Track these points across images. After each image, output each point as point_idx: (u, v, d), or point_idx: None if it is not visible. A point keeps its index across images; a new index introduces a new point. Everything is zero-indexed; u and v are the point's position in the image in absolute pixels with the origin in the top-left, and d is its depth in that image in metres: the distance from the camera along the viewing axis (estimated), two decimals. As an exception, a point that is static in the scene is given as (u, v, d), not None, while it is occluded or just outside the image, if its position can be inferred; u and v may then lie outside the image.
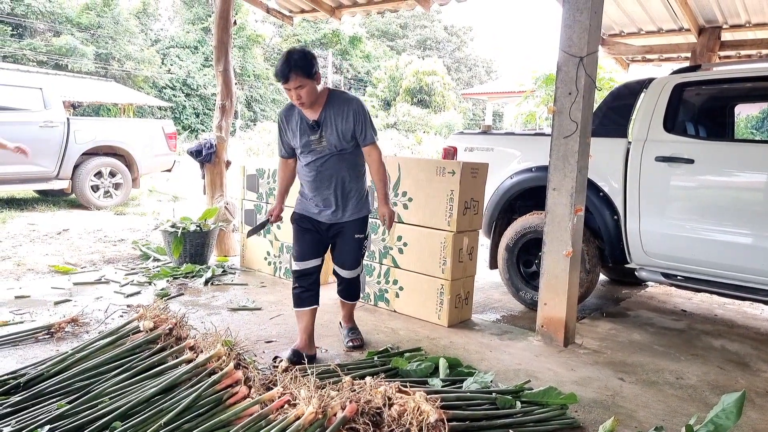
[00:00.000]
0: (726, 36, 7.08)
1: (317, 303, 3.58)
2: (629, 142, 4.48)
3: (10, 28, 28.83)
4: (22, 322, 3.90)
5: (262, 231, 4.41)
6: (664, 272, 4.38)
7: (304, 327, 3.54)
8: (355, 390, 2.43)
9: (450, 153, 5.44)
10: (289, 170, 3.70)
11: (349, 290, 3.75)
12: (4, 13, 28.18)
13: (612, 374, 3.53)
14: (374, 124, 3.45)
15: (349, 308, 3.87)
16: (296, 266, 3.54)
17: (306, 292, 3.53)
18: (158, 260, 5.93)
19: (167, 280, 5.19)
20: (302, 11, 7.40)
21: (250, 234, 3.83)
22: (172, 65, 33.63)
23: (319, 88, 3.30)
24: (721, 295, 4.47)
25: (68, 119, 9.18)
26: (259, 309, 4.51)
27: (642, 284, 5.98)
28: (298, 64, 3.13)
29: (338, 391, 2.44)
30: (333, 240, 3.60)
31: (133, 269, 5.56)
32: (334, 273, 3.72)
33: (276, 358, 3.43)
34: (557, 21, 3.90)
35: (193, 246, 5.64)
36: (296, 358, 3.40)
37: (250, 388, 2.60)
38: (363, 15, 7.32)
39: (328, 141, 3.37)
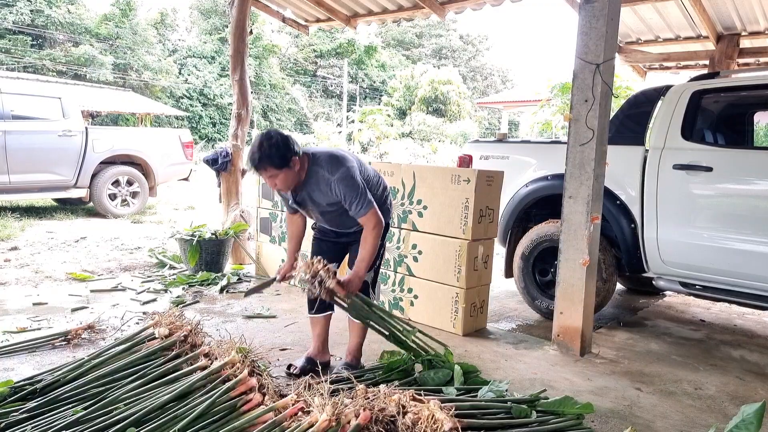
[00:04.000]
0: (745, 43, 7.02)
1: (332, 309, 3.51)
2: (646, 150, 4.45)
3: (30, 39, 29.32)
4: (39, 329, 3.94)
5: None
6: (682, 281, 4.33)
7: (317, 334, 3.52)
8: (369, 398, 2.41)
9: (465, 161, 5.43)
10: (297, 225, 3.51)
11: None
12: (25, 24, 28.64)
13: (629, 384, 3.49)
14: (363, 189, 3.07)
15: (356, 334, 3.49)
16: None
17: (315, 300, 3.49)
18: (174, 268, 5.96)
19: (183, 288, 5.21)
20: (318, 20, 7.44)
21: (248, 293, 3.72)
22: (189, 75, 33.98)
23: (300, 168, 3.07)
24: (741, 305, 4.42)
25: (86, 128, 9.29)
26: (274, 317, 4.51)
27: (659, 293, 5.92)
28: (268, 155, 2.93)
29: (352, 398, 2.42)
30: (349, 246, 3.47)
31: (150, 277, 5.59)
32: None
33: (290, 366, 3.44)
34: (573, 29, 3.89)
35: (209, 254, 5.67)
36: (310, 365, 3.39)
37: (264, 395, 2.60)
38: (378, 24, 7.34)
39: (314, 212, 3.30)
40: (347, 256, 3.55)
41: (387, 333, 3.23)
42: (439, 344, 3.35)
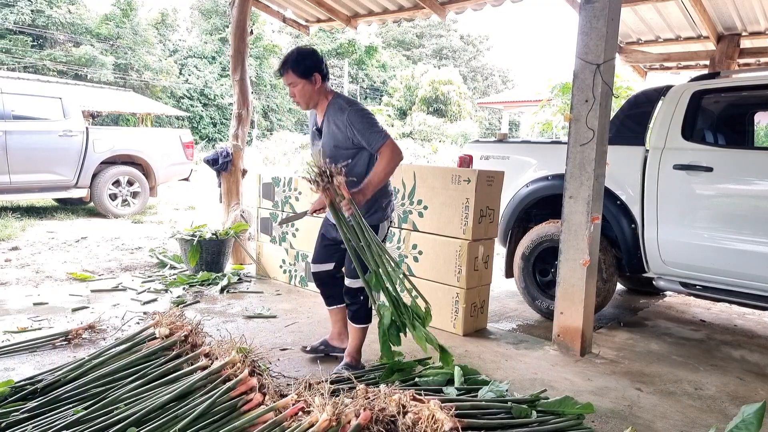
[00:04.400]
0: (745, 43, 7.02)
1: (340, 303, 3.56)
2: (647, 150, 4.45)
3: (31, 39, 29.33)
4: (40, 329, 3.94)
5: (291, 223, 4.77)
6: (682, 281, 4.33)
7: (333, 322, 3.69)
8: (369, 398, 2.41)
9: (465, 161, 5.43)
10: None
11: (351, 305, 3.41)
12: (25, 24, 28.65)
13: (629, 384, 3.49)
14: (377, 126, 3.16)
15: (354, 336, 3.46)
16: (311, 268, 3.60)
17: (323, 294, 3.62)
18: (174, 268, 5.96)
19: (183, 288, 5.21)
20: (318, 21, 7.44)
21: (282, 222, 4.09)
22: (189, 75, 33.98)
23: (321, 89, 3.21)
24: (741, 305, 4.42)
25: (87, 128, 9.30)
26: (275, 317, 4.51)
27: (660, 294, 5.92)
28: (293, 61, 3.13)
29: (352, 398, 2.42)
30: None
31: (150, 277, 5.59)
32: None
33: (304, 347, 3.64)
34: (574, 29, 3.89)
35: (209, 254, 5.67)
36: (323, 346, 3.61)
37: (264, 395, 2.60)
38: (379, 24, 7.34)
39: (323, 153, 3.24)
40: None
41: (365, 274, 3.09)
42: (425, 302, 3.13)
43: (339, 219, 3.02)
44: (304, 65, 3.13)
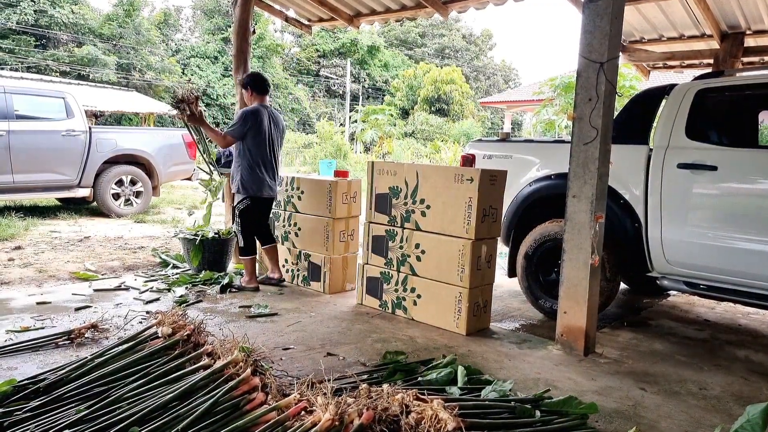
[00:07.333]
0: (749, 42, 6.99)
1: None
2: (650, 149, 4.43)
3: (34, 39, 29.41)
4: (43, 328, 3.94)
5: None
6: (686, 281, 4.31)
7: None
8: (372, 397, 2.41)
9: (468, 160, 5.41)
10: None
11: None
12: (28, 25, 28.71)
13: (633, 384, 3.47)
14: (235, 125, 4.99)
15: (270, 256, 5.46)
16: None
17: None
18: (177, 267, 5.96)
19: (186, 287, 5.21)
20: (320, 20, 7.43)
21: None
22: (192, 75, 33.99)
23: (252, 98, 5.16)
24: (746, 305, 4.40)
25: (90, 128, 9.29)
26: (276, 314, 4.51)
27: (664, 293, 5.90)
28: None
29: (355, 398, 2.42)
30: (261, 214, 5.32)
31: (153, 276, 5.59)
32: None
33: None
34: (577, 27, 3.88)
35: (212, 253, 5.66)
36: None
37: (267, 394, 2.59)
38: (381, 23, 7.33)
39: None
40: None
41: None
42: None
43: (188, 125, 5.20)
44: (244, 81, 5.26)
